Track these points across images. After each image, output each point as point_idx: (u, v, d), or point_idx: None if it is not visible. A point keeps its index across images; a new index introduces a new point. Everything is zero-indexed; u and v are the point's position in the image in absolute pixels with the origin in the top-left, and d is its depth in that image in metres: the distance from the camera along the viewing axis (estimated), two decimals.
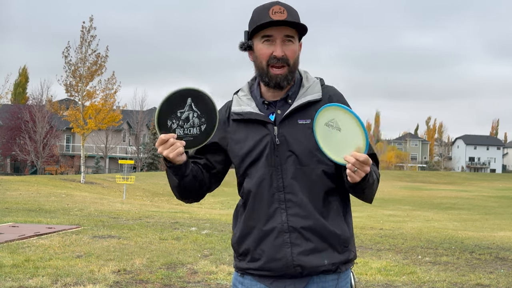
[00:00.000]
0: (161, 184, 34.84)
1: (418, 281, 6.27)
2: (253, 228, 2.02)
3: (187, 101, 1.89)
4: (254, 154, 2.01)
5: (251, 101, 2.06)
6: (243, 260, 2.06)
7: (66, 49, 28.59)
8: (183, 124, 1.91)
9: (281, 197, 1.99)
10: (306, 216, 1.98)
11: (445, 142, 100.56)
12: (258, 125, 2.03)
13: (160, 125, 1.90)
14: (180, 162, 1.94)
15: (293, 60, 2.01)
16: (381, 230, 11.37)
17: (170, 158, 1.90)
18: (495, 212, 23.77)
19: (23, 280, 5.67)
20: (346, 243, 2.05)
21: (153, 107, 76.85)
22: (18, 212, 12.88)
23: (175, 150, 1.89)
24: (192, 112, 1.90)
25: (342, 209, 2.08)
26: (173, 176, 1.99)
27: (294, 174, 1.99)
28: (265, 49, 1.99)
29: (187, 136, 1.92)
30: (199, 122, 1.92)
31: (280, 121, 2.01)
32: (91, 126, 28.77)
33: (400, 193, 34.92)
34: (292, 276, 1.99)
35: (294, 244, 1.97)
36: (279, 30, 1.97)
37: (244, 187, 2.04)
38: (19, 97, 65.20)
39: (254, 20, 2.01)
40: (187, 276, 6.15)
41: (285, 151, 2.00)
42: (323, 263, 1.99)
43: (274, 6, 1.97)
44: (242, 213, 2.07)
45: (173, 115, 1.89)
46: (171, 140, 1.88)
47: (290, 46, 2.00)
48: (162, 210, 15.76)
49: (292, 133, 2.00)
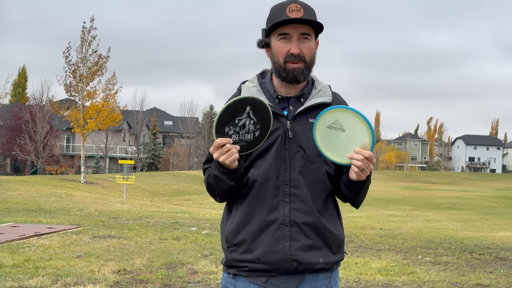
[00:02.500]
0: (161, 184, 34.84)
1: (418, 281, 6.27)
2: (254, 217, 2.02)
3: (246, 109, 1.92)
4: (264, 145, 2.02)
5: (261, 93, 2.09)
6: (236, 251, 2.04)
7: (66, 49, 28.63)
8: (239, 130, 1.93)
9: (286, 191, 2.01)
10: (308, 212, 2.00)
11: (445, 142, 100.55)
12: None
13: (217, 131, 1.92)
14: (235, 167, 1.95)
15: (309, 57, 2.05)
16: (381, 230, 11.37)
17: (227, 164, 1.92)
18: (495, 212, 23.78)
19: (23, 280, 5.68)
20: (341, 245, 2.09)
21: (153, 107, 76.93)
22: (18, 212, 12.88)
23: (231, 156, 1.91)
24: (249, 119, 1.93)
25: (336, 211, 2.12)
26: (227, 181, 1.99)
27: (301, 169, 2.02)
28: (282, 47, 2.03)
29: (241, 142, 1.94)
30: (254, 129, 1.94)
31: (293, 116, 2.05)
32: (92, 126, 28.77)
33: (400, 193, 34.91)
34: (286, 272, 2.00)
35: (293, 239, 1.98)
36: (296, 28, 2.01)
37: (249, 177, 2.04)
38: (19, 97, 65.20)
39: (271, 18, 2.04)
40: (187, 276, 6.15)
41: (294, 146, 2.02)
42: (318, 261, 2.01)
43: (291, 4, 2.01)
44: (241, 202, 2.06)
45: (231, 122, 1.92)
46: (227, 146, 1.90)
47: (306, 44, 2.03)
48: (162, 210, 15.76)
49: (303, 130, 2.03)
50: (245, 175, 2.06)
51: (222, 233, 2.11)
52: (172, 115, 78.04)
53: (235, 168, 1.96)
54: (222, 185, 2.01)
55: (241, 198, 2.06)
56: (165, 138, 71.15)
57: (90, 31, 28.78)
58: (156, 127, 61.17)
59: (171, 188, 34.27)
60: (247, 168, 2.06)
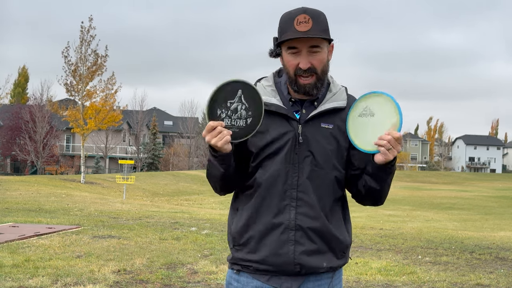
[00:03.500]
0: (161, 184, 34.85)
1: (418, 281, 6.27)
2: (260, 219, 2.01)
3: (237, 92, 1.91)
4: (274, 147, 2.01)
5: (276, 93, 2.07)
6: (242, 250, 2.05)
7: (65, 49, 28.63)
8: (231, 114, 1.92)
9: (293, 195, 2.00)
10: (314, 217, 2.00)
11: (445, 142, 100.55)
12: (281, 119, 2.03)
13: (210, 112, 1.91)
14: (227, 151, 1.93)
15: (321, 69, 2.00)
16: (381, 230, 11.37)
17: (218, 146, 1.89)
18: (495, 212, 23.77)
19: (23, 280, 5.67)
20: (346, 250, 2.09)
21: (153, 107, 76.92)
22: (18, 212, 12.88)
23: (223, 138, 1.88)
24: (241, 104, 1.92)
25: (344, 217, 2.11)
26: (219, 166, 1.97)
27: (309, 174, 2.01)
28: (292, 60, 1.99)
29: (234, 127, 1.93)
30: (246, 115, 1.93)
31: (305, 121, 2.02)
32: (91, 126, 28.77)
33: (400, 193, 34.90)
34: (289, 274, 2.01)
35: (298, 243, 1.98)
36: (304, 42, 1.96)
37: (256, 178, 2.03)
38: (19, 97, 65.17)
39: (280, 29, 2.00)
40: (187, 276, 6.15)
41: (304, 151, 2.01)
42: (322, 265, 2.02)
43: (299, 16, 1.94)
44: (247, 202, 2.05)
45: (223, 104, 1.91)
46: (218, 128, 1.88)
47: (316, 56, 1.98)
48: (162, 210, 15.76)
49: (314, 135, 2.02)
50: (252, 175, 2.04)
51: (229, 232, 2.12)
52: (172, 115, 78.07)
53: (226, 154, 1.94)
54: (215, 171, 2.00)
55: (248, 198, 2.06)
56: (165, 138, 71.17)
57: (89, 31, 28.80)
58: (156, 127, 61.17)
59: (171, 188, 34.27)
60: (255, 168, 2.04)
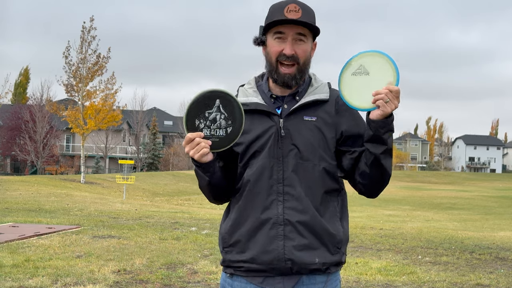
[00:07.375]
0: (161, 184, 34.86)
1: (418, 281, 6.27)
2: (248, 217, 2.00)
3: (215, 102, 1.91)
4: (258, 144, 2.01)
5: (257, 94, 2.08)
6: (231, 252, 2.04)
7: (66, 49, 28.63)
8: (210, 124, 1.91)
9: (279, 189, 1.99)
10: (302, 210, 1.97)
11: (445, 142, 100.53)
12: (264, 116, 2.04)
13: (188, 124, 1.91)
14: (207, 161, 1.93)
15: (303, 60, 2.02)
16: (381, 230, 11.37)
17: (196, 158, 1.90)
18: (495, 212, 23.78)
19: (23, 280, 5.67)
20: (339, 245, 2.03)
21: (153, 107, 76.93)
22: (18, 212, 12.88)
23: (200, 150, 1.89)
24: (220, 114, 1.91)
25: (340, 212, 2.07)
26: (203, 174, 1.98)
27: (295, 167, 2.00)
28: (276, 46, 2.01)
29: (213, 137, 1.92)
30: (225, 124, 1.92)
31: (286, 115, 2.03)
32: (91, 126, 28.76)
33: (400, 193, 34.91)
34: (282, 272, 1.98)
35: (287, 238, 1.96)
36: (291, 28, 1.99)
37: (244, 177, 2.03)
38: (19, 97, 65.16)
39: (269, 16, 2.03)
40: (187, 276, 6.15)
41: (288, 144, 2.00)
42: (314, 261, 1.97)
43: (290, 4, 1.99)
44: (236, 203, 2.05)
45: (201, 115, 1.91)
46: (196, 140, 1.89)
47: (301, 45, 2.01)
48: (162, 210, 15.76)
49: (297, 128, 2.02)
50: (241, 176, 2.04)
51: (220, 234, 2.11)
52: (172, 115, 78.05)
53: (207, 163, 1.94)
54: (202, 180, 2.01)
55: (236, 198, 2.06)
56: (165, 138, 71.16)
57: (90, 31, 28.80)
58: (156, 127, 61.17)
59: (171, 188, 34.27)
60: (243, 168, 2.04)
